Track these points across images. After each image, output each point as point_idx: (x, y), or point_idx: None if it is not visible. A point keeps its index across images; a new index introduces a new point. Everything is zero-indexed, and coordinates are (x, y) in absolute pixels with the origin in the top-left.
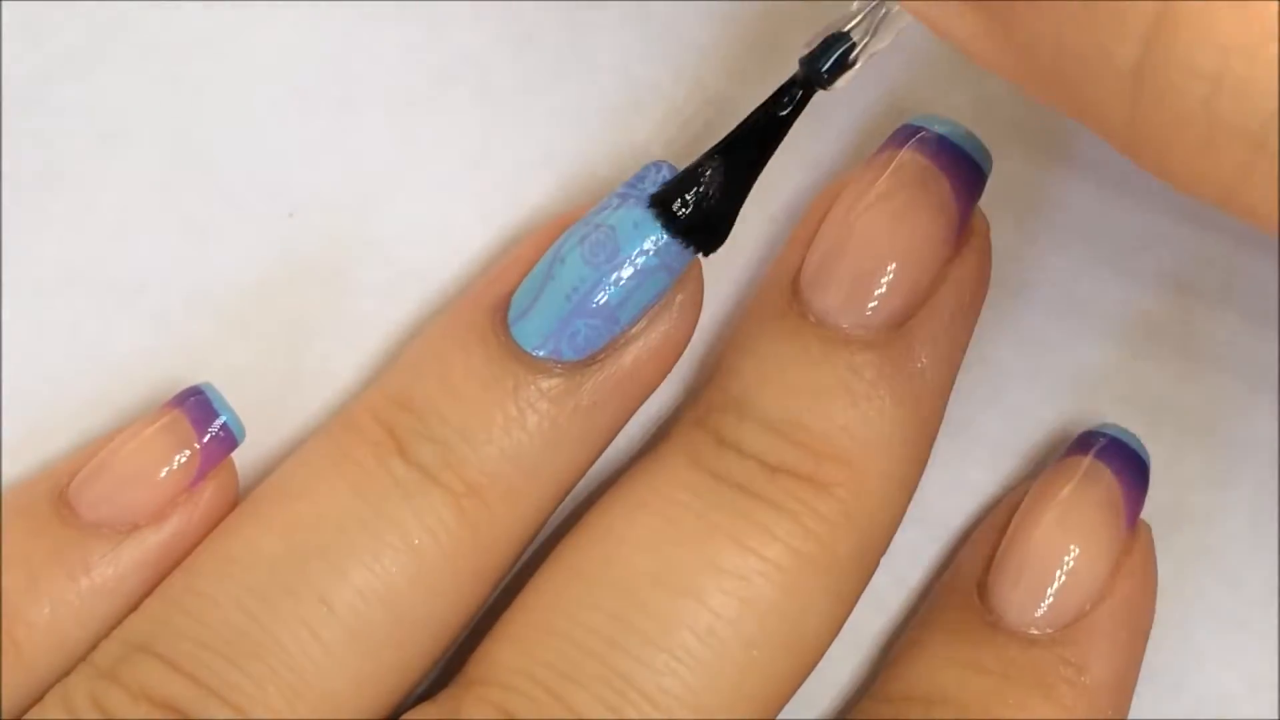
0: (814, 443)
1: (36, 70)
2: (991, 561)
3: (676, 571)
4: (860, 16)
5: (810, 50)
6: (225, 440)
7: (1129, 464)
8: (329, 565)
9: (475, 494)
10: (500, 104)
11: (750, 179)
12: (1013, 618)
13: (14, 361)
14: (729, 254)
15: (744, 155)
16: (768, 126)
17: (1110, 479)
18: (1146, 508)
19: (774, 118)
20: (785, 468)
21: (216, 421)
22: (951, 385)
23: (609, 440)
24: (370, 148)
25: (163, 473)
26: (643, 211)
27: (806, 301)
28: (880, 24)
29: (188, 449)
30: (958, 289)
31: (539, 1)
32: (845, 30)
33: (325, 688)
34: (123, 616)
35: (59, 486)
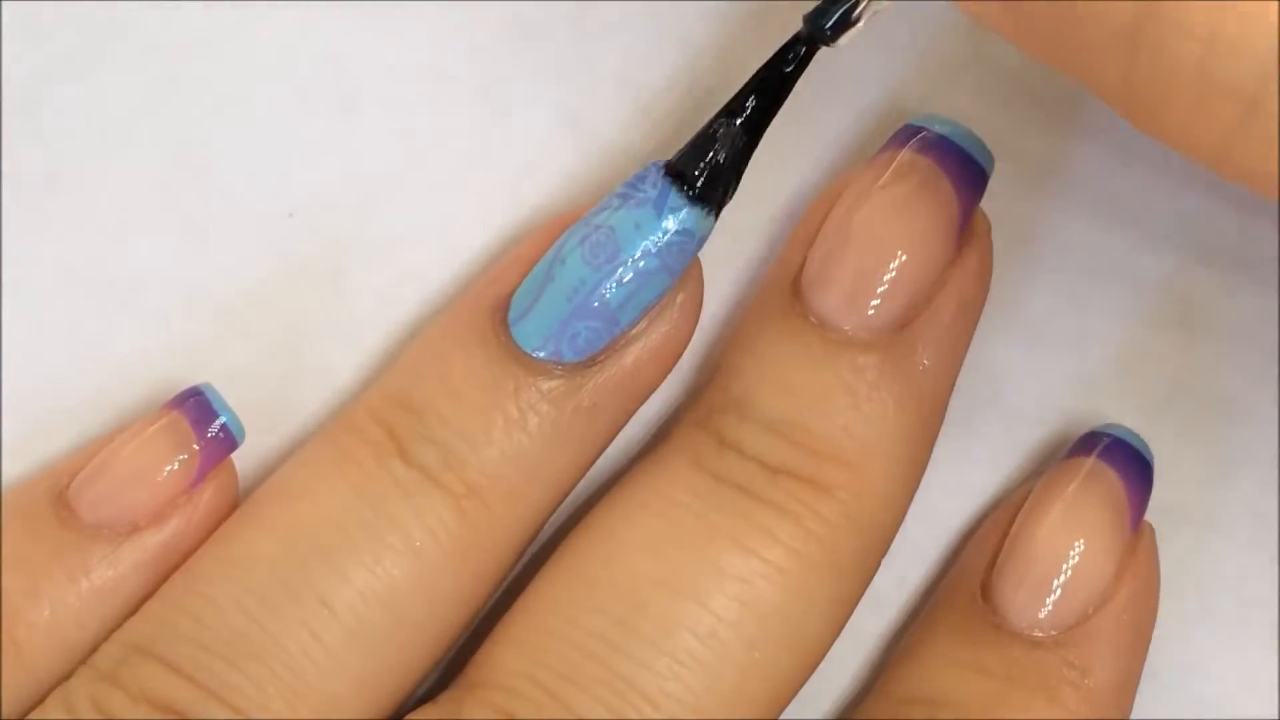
0: (815, 444)
1: (36, 70)
2: (995, 561)
3: (678, 574)
4: None
5: (815, 7)
6: (225, 441)
7: (1132, 464)
8: (330, 567)
9: (476, 495)
10: (500, 104)
11: (757, 137)
12: (1016, 619)
13: (14, 361)
14: (729, 254)
15: (752, 114)
16: (773, 84)
17: (1114, 479)
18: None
19: (779, 75)
20: (787, 469)
21: (216, 422)
22: (953, 386)
23: (609, 440)
24: (370, 148)
25: (162, 474)
26: (644, 212)
27: (808, 302)
28: None
29: (187, 450)
30: (960, 290)
31: (539, 1)
32: None
33: (326, 689)
34: (123, 618)
35: (59, 487)
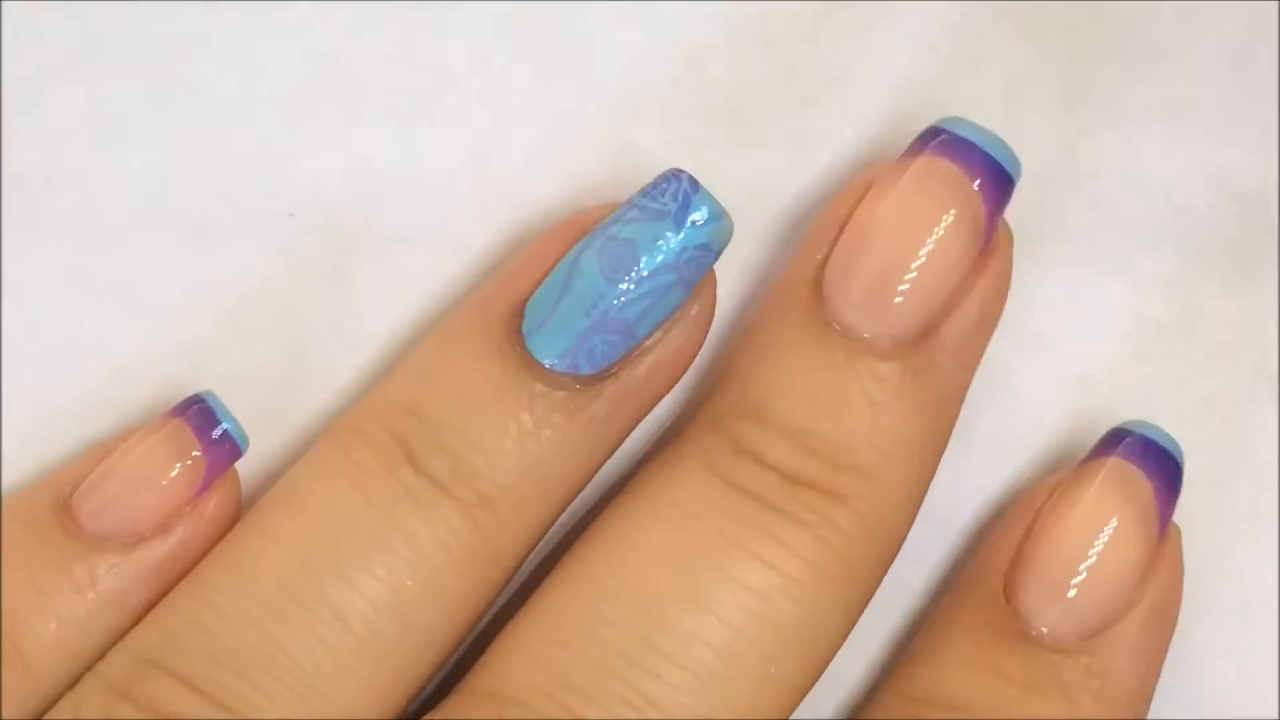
0: (835, 454)
1: (36, 70)
2: (1018, 561)
3: (694, 587)
4: None
5: None
6: (229, 449)
7: (1162, 465)
8: (340, 577)
9: (486, 504)
10: (500, 104)
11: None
12: (1040, 624)
13: (14, 362)
14: (731, 254)
15: None
16: None
17: (1143, 482)
18: None
19: None
20: (805, 480)
21: (219, 430)
22: (965, 395)
23: (618, 446)
24: (370, 148)
25: (166, 484)
26: (664, 225)
27: (831, 308)
28: None
29: (191, 460)
30: (982, 300)
31: (539, 1)
32: None
33: (338, 700)
34: (129, 626)
35: (62, 496)
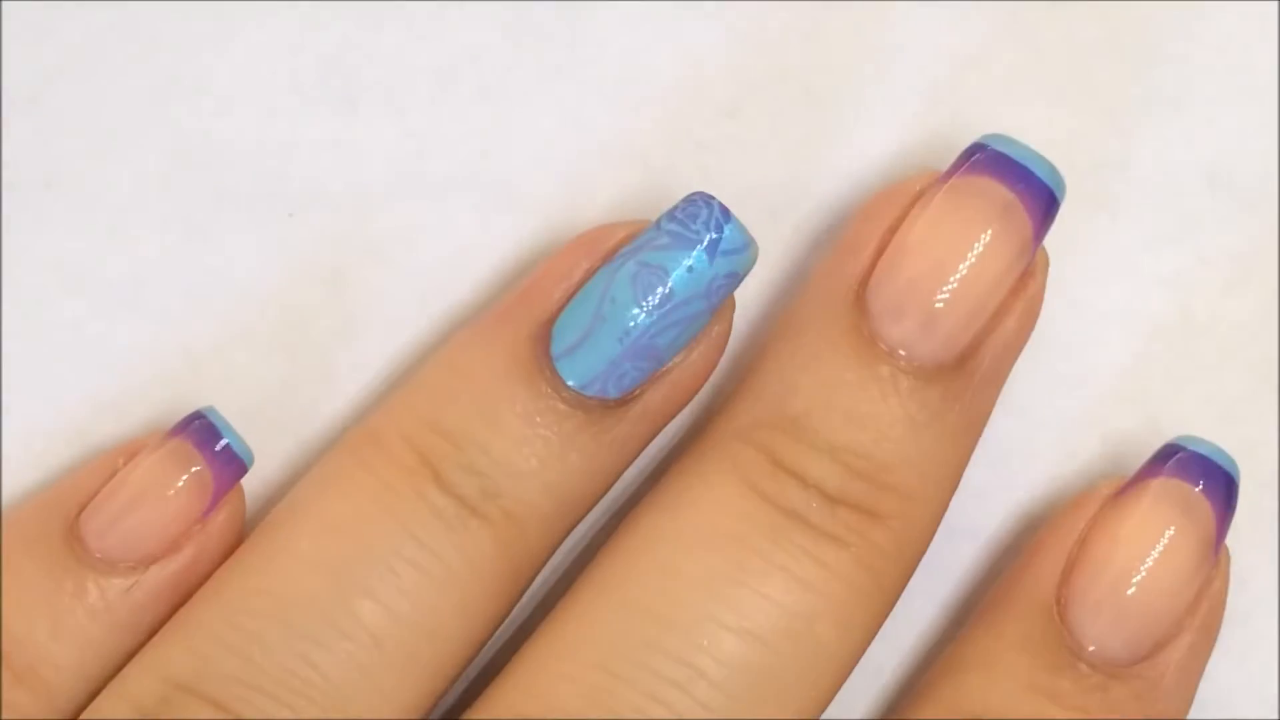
0: (876, 473)
1: (36, 70)
2: (1071, 575)
3: (741, 613)
4: None
5: None
6: (235, 466)
7: (1222, 490)
8: (374, 600)
9: (513, 524)
10: (500, 104)
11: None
12: (1091, 642)
13: (14, 362)
14: None
15: None
16: None
17: (1204, 503)
18: None
19: None
20: (845, 499)
21: (221, 444)
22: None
23: (634, 460)
24: (370, 148)
25: (173, 503)
26: (697, 255)
27: (876, 326)
28: None
29: (196, 477)
30: (1020, 322)
31: (539, 1)
32: None
33: (368, 716)
34: (142, 644)
35: (69, 520)
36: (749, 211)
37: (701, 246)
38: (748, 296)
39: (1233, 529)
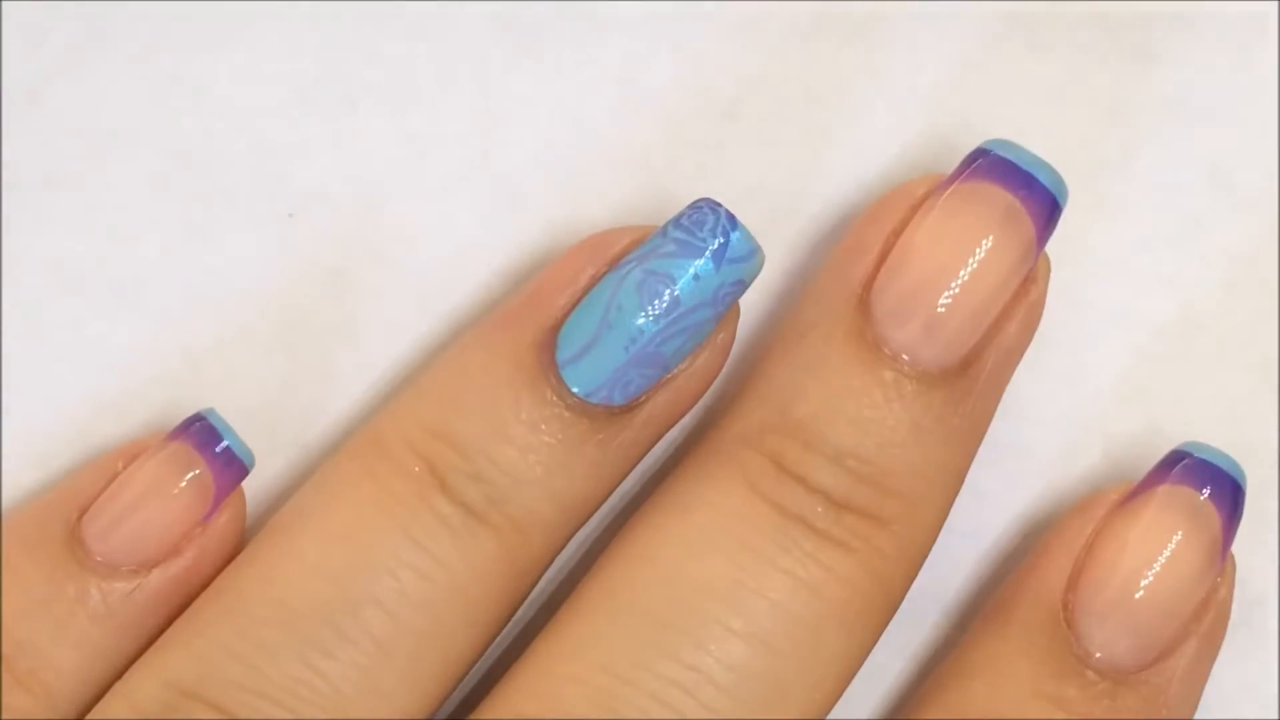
0: (881, 478)
1: (36, 70)
2: (1078, 582)
3: (744, 617)
4: None
5: None
6: (235, 469)
7: (1230, 497)
8: (381, 609)
9: (517, 530)
10: (500, 104)
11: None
12: (1098, 648)
13: (14, 362)
14: None
15: None
16: None
17: (1211, 510)
18: None
19: None
20: (851, 504)
21: (222, 445)
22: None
23: (636, 465)
24: (370, 148)
25: (173, 507)
26: (704, 264)
27: (880, 332)
28: None
29: (196, 480)
30: (1021, 327)
31: (539, 1)
32: None
33: None
34: (145, 648)
35: (69, 523)
36: (749, 212)
37: (708, 254)
38: (747, 296)
39: None
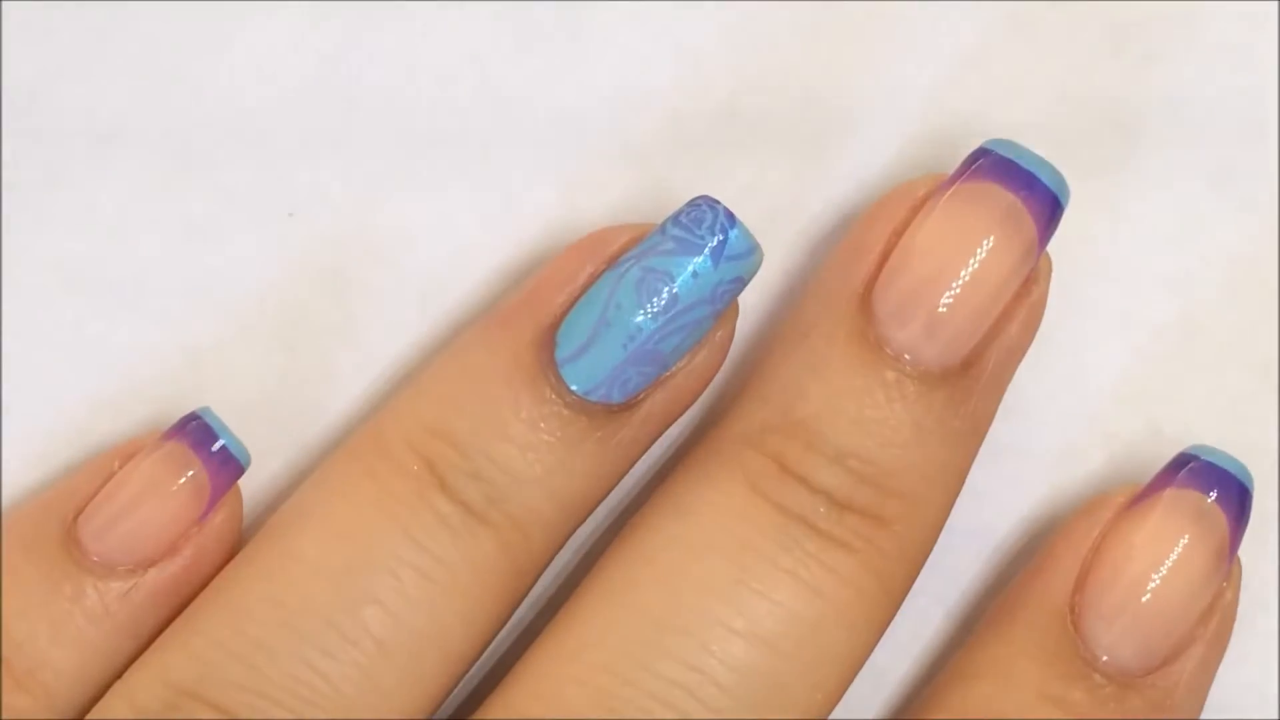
0: (882, 479)
1: (36, 70)
2: (1085, 585)
3: (753, 621)
4: None
5: None
6: (231, 468)
7: (1237, 500)
8: (381, 609)
9: (518, 529)
10: (500, 104)
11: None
12: (1104, 651)
13: (14, 362)
14: None
15: None
16: None
17: (1219, 514)
18: None
19: None
20: (853, 504)
21: (218, 444)
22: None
23: (635, 463)
24: (370, 148)
25: (170, 505)
26: (702, 262)
27: (882, 331)
28: None
29: (193, 478)
30: (1023, 326)
31: (539, 1)
32: None
33: None
34: (145, 647)
35: (66, 524)
36: (748, 211)
37: (706, 252)
38: (746, 296)
39: None
